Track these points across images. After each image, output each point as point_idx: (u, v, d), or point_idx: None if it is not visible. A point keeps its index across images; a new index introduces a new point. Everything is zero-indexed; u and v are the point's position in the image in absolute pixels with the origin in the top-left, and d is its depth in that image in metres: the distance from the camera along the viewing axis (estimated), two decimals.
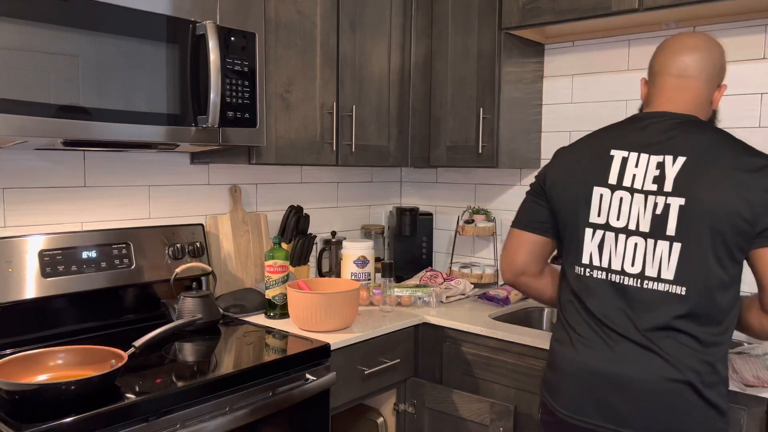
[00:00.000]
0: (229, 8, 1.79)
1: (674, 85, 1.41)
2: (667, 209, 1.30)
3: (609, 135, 1.44)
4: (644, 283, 1.33)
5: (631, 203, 1.35)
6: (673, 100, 1.40)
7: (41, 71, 1.41)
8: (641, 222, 1.33)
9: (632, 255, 1.34)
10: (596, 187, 1.39)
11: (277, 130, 2.04)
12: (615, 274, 1.36)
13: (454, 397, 2.04)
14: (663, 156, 1.33)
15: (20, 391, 1.29)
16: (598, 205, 1.39)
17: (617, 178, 1.37)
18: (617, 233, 1.36)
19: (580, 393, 1.38)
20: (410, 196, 3.04)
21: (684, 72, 1.40)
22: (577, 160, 1.45)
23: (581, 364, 1.38)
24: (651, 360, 1.31)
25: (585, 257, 1.41)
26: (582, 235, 1.41)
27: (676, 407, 1.30)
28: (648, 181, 1.33)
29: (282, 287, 2.05)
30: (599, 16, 2.03)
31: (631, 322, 1.34)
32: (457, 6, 2.40)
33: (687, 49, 1.40)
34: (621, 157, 1.37)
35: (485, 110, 2.33)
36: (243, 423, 1.53)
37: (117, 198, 2.01)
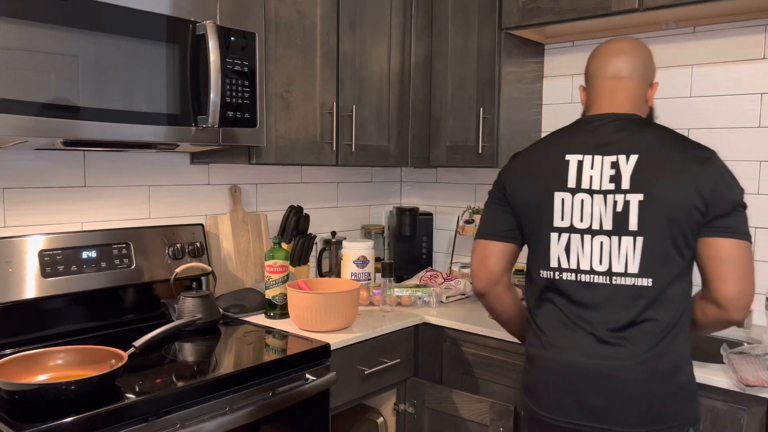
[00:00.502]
0: (229, 8, 1.79)
1: (611, 87, 1.48)
2: (627, 206, 1.36)
3: (561, 140, 1.49)
4: (613, 279, 1.38)
5: (592, 204, 1.40)
6: (612, 101, 1.47)
7: (41, 71, 1.41)
8: (604, 221, 1.39)
9: (599, 253, 1.40)
10: (557, 192, 1.44)
11: (277, 130, 2.04)
12: (584, 274, 1.41)
13: (454, 397, 2.04)
14: (616, 156, 1.39)
15: (20, 391, 1.29)
16: (561, 209, 1.44)
17: (576, 181, 1.42)
18: (582, 234, 1.41)
19: (558, 393, 1.42)
20: (410, 196, 3.04)
21: (618, 74, 1.47)
22: (535, 167, 1.50)
23: (556, 364, 1.43)
24: (622, 353, 1.36)
25: (553, 261, 1.45)
26: (548, 240, 1.46)
27: (648, 395, 1.34)
28: (605, 181, 1.39)
29: (282, 287, 2.05)
30: (599, 16, 2.03)
31: (603, 320, 1.38)
32: (457, 6, 2.40)
33: (617, 53, 1.48)
34: (576, 161, 1.43)
35: (485, 110, 2.33)
36: (243, 423, 1.53)
37: (117, 198, 2.01)
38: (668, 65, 2.23)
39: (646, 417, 1.34)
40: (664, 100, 2.25)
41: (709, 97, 2.16)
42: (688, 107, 2.20)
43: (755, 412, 1.54)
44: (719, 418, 1.58)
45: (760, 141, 2.07)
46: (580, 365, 1.39)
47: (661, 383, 1.34)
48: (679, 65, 2.21)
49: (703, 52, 2.16)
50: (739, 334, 2.01)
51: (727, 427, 1.58)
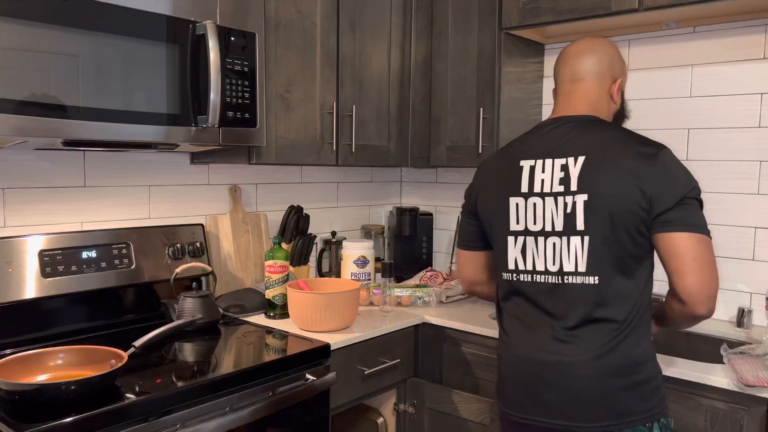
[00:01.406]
0: (229, 8, 1.79)
1: (568, 89, 1.53)
2: (575, 206, 1.40)
3: (517, 147, 1.54)
4: (565, 278, 1.41)
5: (544, 207, 1.44)
6: (568, 104, 1.52)
7: (41, 71, 1.41)
8: (556, 222, 1.42)
9: (552, 254, 1.43)
10: (511, 198, 1.49)
11: (277, 130, 2.04)
12: (539, 275, 1.45)
13: (454, 397, 2.04)
14: (565, 158, 1.43)
15: (20, 391, 1.29)
16: (516, 213, 1.48)
17: (528, 186, 1.47)
18: (536, 236, 1.45)
19: (518, 390, 1.47)
20: (410, 196, 3.04)
21: (573, 76, 1.52)
22: (493, 175, 1.56)
23: (514, 362, 1.48)
24: (573, 350, 1.39)
25: (511, 263, 1.50)
26: (505, 243, 1.51)
27: (601, 391, 1.36)
28: (555, 183, 1.43)
29: (282, 287, 2.05)
30: (599, 16, 2.03)
31: (557, 318, 1.42)
32: (457, 6, 2.40)
33: (573, 55, 1.53)
34: (529, 166, 1.48)
35: (485, 110, 2.33)
36: (243, 423, 1.53)
37: (117, 198, 2.01)
38: (668, 65, 2.23)
39: (601, 413, 1.37)
40: (664, 100, 2.25)
41: (709, 97, 2.16)
42: (688, 107, 2.20)
43: (755, 412, 1.54)
44: (719, 418, 1.58)
45: (760, 141, 2.07)
46: (535, 362, 1.43)
47: (615, 379, 1.36)
48: (679, 65, 2.21)
49: (703, 52, 2.16)
50: (739, 334, 2.01)
51: (727, 427, 1.58)
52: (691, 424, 1.63)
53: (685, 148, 2.21)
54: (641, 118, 2.29)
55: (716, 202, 2.15)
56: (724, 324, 2.11)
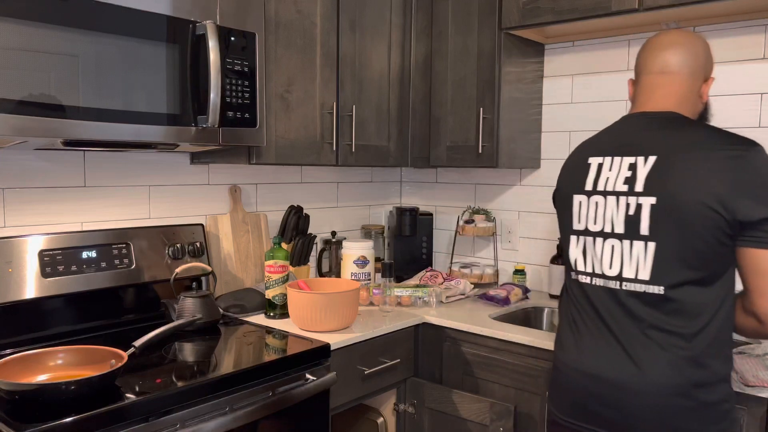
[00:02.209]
0: (229, 8, 1.79)
1: (656, 82, 1.42)
2: (639, 209, 1.32)
3: (593, 141, 1.48)
4: (623, 284, 1.34)
5: (605, 206, 1.38)
6: (653, 98, 1.41)
7: (41, 71, 1.41)
8: (616, 224, 1.36)
9: (610, 257, 1.37)
10: (575, 195, 1.45)
11: (277, 130, 2.04)
12: (597, 278, 1.40)
13: (454, 397, 2.04)
14: (635, 157, 1.35)
15: (20, 391, 1.29)
16: (578, 212, 1.44)
17: (593, 184, 1.41)
18: (595, 237, 1.40)
19: (571, 397, 1.41)
20: (410, 196, 3.04)
21: (665, 68, 1.41)
22: (568, 170, 1.51)
23: (568, 373, 1.42)
24: (633, 367, 1.31)
25: (572, 263, 1.46)
26: (568, 243, 1.47)
27: (663, 410, 1.28)
28: (619, 182, 1.36)
29: (282, 287, 2.05)
30: (599, 16, 2.03)
31: (616, 325, 1.35)
32: (457, 6, 2.40)
33: (667, 46, 1.41)
34: (597, 164, 1.42)
35: (485, 110, 2.33)
36: (243, 423, 1.53)
37: (117, 198, 2.01)
38: None
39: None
40: None
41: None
42: None
43: (755, 412, 1.54)
44: None
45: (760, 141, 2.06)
46: (590, 376, 1.36)
47: (678, 399, 1.27)
48: None
49: None
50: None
51: None
52: None
53: None
54: None
55: None
56: None
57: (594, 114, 2.42)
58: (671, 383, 1.28)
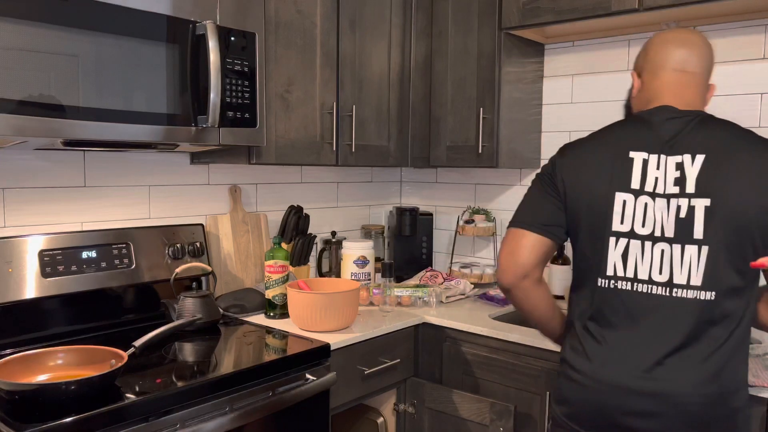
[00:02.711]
0: (229, 8, 1.79)
1: (678, 80, 1.36)
2: (692, 212, 1.24)
3: (624, 134, 1.35)
4: (673, 291, 1.26)
5: (654, 208, 1.28)
6: (680, 96, 1.35)
7: (41, 71, 1.41)
8: (666, 227, 1.27)
9: (659, 262, 1.27)
10: (619, 193, 1.30)
11: (277, 130, 2.04)
12: (641, 284, 1.29)
13: (454, 397, 2.04)
14: (681, 156, 1.27)
15: (20, 391, 1.29)
16: (621, 211, 1.30)
17: (640, 182, 1.29)
18: (643, 241, 1.28)
19: (600, 410, 1.31)
20: (410, 196, 3.04)
21: (686, 67, 1.35)
22: (595, 160, 1.35)
23: (602, 381, 1.31)
24: (683, 372, 1.25)
25: (609, 268, 1.32)
26: (606, 245, 1.32)
27: (703, 420, 1.25)
28: (669, 183, 1.27)
29: (282, 287, 2.05)
30: (599, 16, 2.03)
31: (656, 335, 1.27)
32: (457, 6, 2.40)
33: (688, 44, 1.36)
34: (642, 159, 1.30)
35: (485, 110, 2.33)
36: (243, 423, 1.53)
37: (117, 198, 2.01)
38: None
39: None
40: None
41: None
42: None
43: (755, 412, 1.53)
44: None
45: None
46: (635, 384, 1.27)
47: (718, 408, 1.24)
48: None
49: None
50: None
51: None
52: None
53: None
54: None
55: None
56: None
57: (594, 114, 2.42)
58: (711, 392, 1.24)
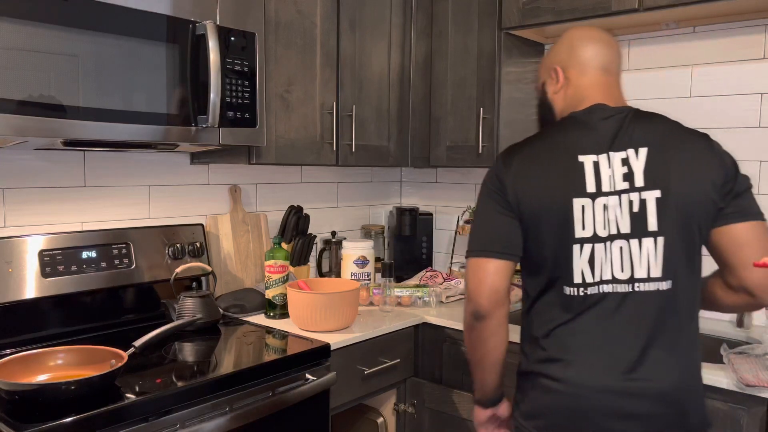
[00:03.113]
0: (229, 8, 1.79)
1: (607, 80, 1.39)
2: (644, 204, 1.25)
3: (569, 139, 1.33)
4: (635, 285, 1.27)
5: (611, 207, 1.28)
6: (609, 94, 1.37)
7: (41, 71, 1.41)
8: (621, 223, 1.27)
9: (620, 260, 1.27)
10: (576, 199, 1.28)
11: (277, 130, 2.04)
12: (606, 284, 1.28)
13: (454, 397, 2.04)
14: (625, 151, 1.28)
15: (20, 391, 1.29)
16: (581, 217, 1.28)
17: (595, 185, 1.28)
18: (604, 242, 1.27)
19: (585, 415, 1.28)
20: (410, 196, 3.04)
21: (611, 68, 1.40)
22: (544, 169, 1.32)
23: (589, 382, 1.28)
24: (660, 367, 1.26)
25: (576, 276, 1.29)
26: (569, 254, 1.29)
27: (688, 410, 1.27)
28: (618, 180, 1.27)
29: (282, 287, 2.05)
30: (599, 16, 2.03)
31: (631, 332, 1.27)
32: (457, 6, 2.40)
33: (609, 45, 1.40)
34: (592, 162, 1.29)
35: (485, 110, 2.33)
36: (243, 423, 1.53)
37: (117, 198, 2.01)
38: (668, 65, 2.23)
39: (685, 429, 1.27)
40: (664, 100, 2.24)
41: (709, 97, 2.16)
42: (688, 107, 2.20)
43: (755, 412, 1.54)
44: (719, 418, 1.58)
45: (760, 141, 2.07)
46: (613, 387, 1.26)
47: (692, 396, 1.28)
48: (679, 65, 2.21)
49: (703, 52, 2.16)
50: (739, 334, 2.01)
51: (727, 427, 1.58)
52: None
53: None
54: None
55: None
56: (724, 324, 2.11)
57: None
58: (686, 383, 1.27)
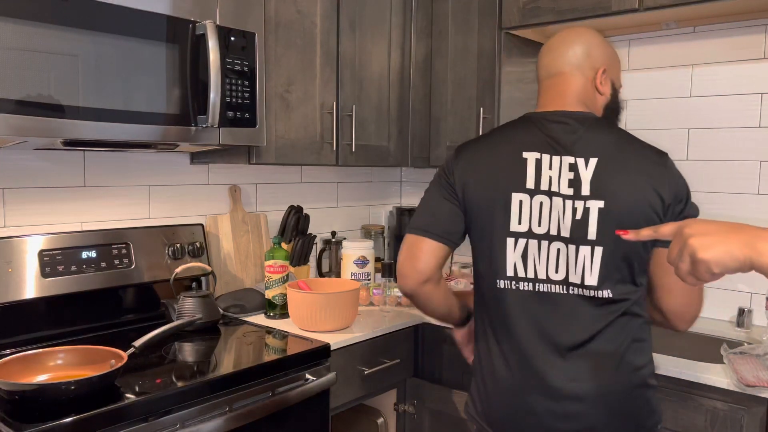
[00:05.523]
0: (229, 8, 1.79)
1: (550, 84, 1.41)
2: (587, 213, 1.26)
3: (516, 135, 1.37)
4: (569, 289, 1.29)
5: (551, 207, 1.29)
6: (557, 99, 1.39)
7: (41, 71, 1.41)
8: (562, 227, 1.29)
9: (555, 261, 1.29)
10: (515, 193, 1.31)
11: (277, 130, 2.04)
12: (541, 283, 1.31)
13: (454, 397, 2.04)
14: (574, 158, 1.30)
15: (20, 391, 1.29)
16: (518, 211, 1.31)
17: (534, 181, 1.30)
18: (540, 240, 1.30)
19: (513, 415, 1.34)
20: (410, 196, 3.04)
21: (552, 71, 1.41)
22: (489, 162, 1.37)
23: (513, 385, 1.34)
24: (590, 368, 1.29)
25: (509, 269, 1.33)
26: (503, 246, 1.33)
27: (630, 411, 1.30)
28: (564, 184, 1.29)
29: (282, 287, 2.05)
30: (599, 16, 2.03)
31: (563, 332, 1.30)
32: (457, 6, 2.40)
33: (546, 52, 1.43)
34: (534, 159, 1.31)
35: (485, 110, 2.33)
36: (243, 423, 1.53)
37: (117, 198, 2.01)
38: (668, 65, 2.23)
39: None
40: (664, 100, 2.25)
41: (709, 97, 2.16)
42: (688, 107, 2.20)
43: (755, 412, 1.54)
44: (719, 418, 1.58)
45: (760, 141, 2.07)
46: (540, 387, 1.30)
47: (627, 398, 1.30)
48: (679, 65, 2.21)
49: (703, 52, 2.16)
50: (739, 334, 2.01)
51: (727, 427, 1.58)
52: (691, 424, 1.63)
53: (685, 148, 2.21)
54: (641, 118, 2.29)
55: (716, 202, 2.15)
56: (724, 324, 2.11)
57: None
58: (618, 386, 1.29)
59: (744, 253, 0.77)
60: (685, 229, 0.82)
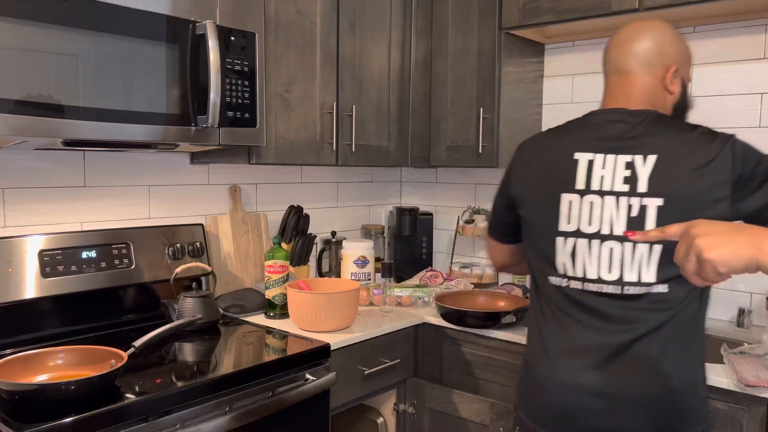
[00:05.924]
0: (229, 8, 1.79)
1: (617, 82, 1.38)
2: (644, 210, 1.25)
3: (569, 137, 1.37)
4: (624, 288, 1.28)
5: (602, 207, 1.29)
6: (619, 97, 1.36)
7: (41, 71, 1.41)
8: (615, 225, 1.27)
9: (608, 261, 1.28)
10: (564, 194, 1.33)
11: (277, 130, 2.04)
12: (591, 283, 1.30)
13: (454, 397, 2.04)
14: (632, 156, 1.28)
15: (20, 391, 1.29)
16: (567, 212, 1.32)
17: (585, 182, 1.31)
18: (590, 239, 1.30)
19: (561, 412, 1.33)
20: (410, 196, 3.04)
21: (618, 69, 1.37)
22: (539, 165, 1.39)
23: (562, 382, 1.33)
24: (640, 372, 1.27)
25: (559, 267, 1.35)
26: (553, 245, 1.35)
27: (670, 417, 1.27)
28: (618, 182, 1.28)
29: (282, 287, 2.05)
30: (599, 16, 2.03)
31: (612, 333, 1.28)
32: (457, 6, 2.40)
33: (616, 45, 1.38)
34: (587, 160, 1.32)
35: (485, 110, 2.33)
36: (243, 423, 1.53)
37: (117, 198, 2.01)
38: None
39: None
40: None
41: (709, 97, 2.16)
42: None
43: (755, 412, 1.54)
44: (719, 418, 1.58)
45: (760, 141, 2.06)
46: (590, 386, 1.29)
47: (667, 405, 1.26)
48: None
49: (703, 52, 2.16)
50: (739, 334, 2.01)
51: (727, 427, 1.58)
52: None
53: None
54: None
55: None
56: (724, 324, 2.11)
57: None
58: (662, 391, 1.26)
59: (749, 253, 0.78)
60: (692, 229, 0.82)
